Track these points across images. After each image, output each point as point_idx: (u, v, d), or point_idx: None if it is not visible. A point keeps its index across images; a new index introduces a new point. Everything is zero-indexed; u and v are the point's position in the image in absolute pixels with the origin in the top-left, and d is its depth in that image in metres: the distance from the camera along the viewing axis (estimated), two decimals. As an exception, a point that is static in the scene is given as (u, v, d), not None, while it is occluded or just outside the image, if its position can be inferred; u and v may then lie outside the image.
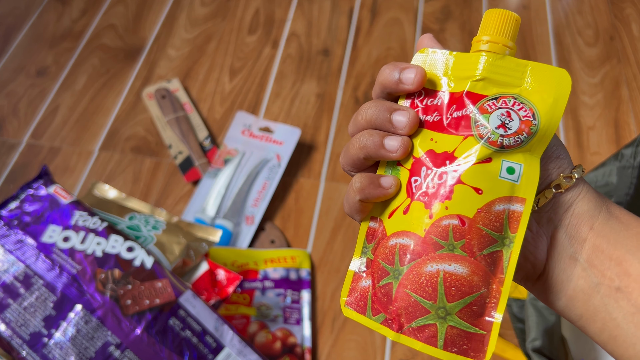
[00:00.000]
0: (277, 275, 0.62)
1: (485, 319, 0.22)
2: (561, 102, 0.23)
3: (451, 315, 0.23)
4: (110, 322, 0.43)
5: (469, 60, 0.24)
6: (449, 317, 0.23)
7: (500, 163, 0.23)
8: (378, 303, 0.25)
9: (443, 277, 0.23)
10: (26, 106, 0.81)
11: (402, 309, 0.23)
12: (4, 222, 0.46)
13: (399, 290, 0.23)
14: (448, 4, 0.91)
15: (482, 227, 0.23)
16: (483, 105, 0.24)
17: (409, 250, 0.23)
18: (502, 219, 0.23)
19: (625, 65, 0.82)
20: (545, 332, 0.44)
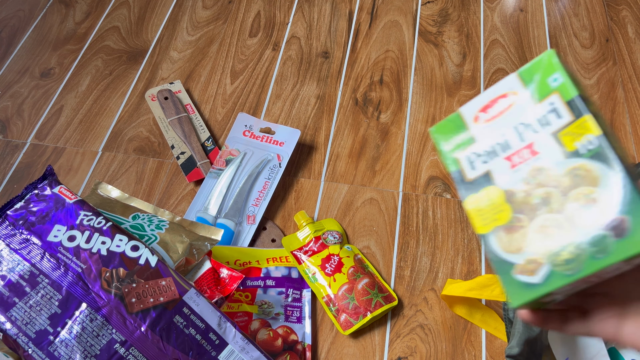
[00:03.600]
0: (278, 273, 0.63)
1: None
2: None
3: None
4: (115, 320, 0.44)
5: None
6: None
7: None
8: None
9: None
10: (30, 107, 0.82)
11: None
12: (10, 221, 0.47)
13: None
14: (446, 7, 0.92)
15: None
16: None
17: None
18: None
19: (621, 67, 0.83)
20: (526, 342, 0.45)
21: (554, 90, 0.31)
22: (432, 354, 0.59)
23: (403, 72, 0.84)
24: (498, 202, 0.31)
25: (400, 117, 0.79)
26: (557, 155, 0.30)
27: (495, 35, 0.88)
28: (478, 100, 0.33)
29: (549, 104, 0.31)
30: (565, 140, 0.30)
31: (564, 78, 0.31)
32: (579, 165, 0.29)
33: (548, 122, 0.31)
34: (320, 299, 0.61)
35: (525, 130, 0.31)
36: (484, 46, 0.86)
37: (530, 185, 0.31)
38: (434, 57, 0.85)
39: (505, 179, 0.31)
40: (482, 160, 0.32)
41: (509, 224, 0.31)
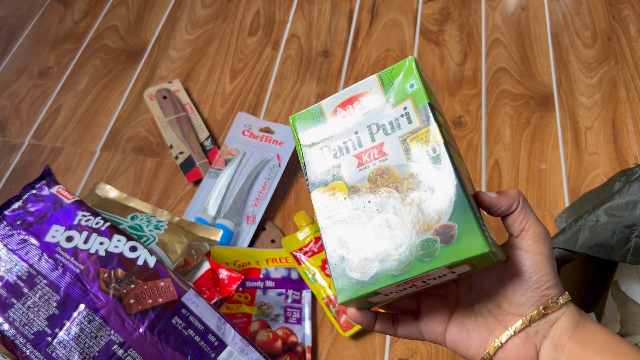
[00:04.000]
0: (278, 274, 0.63)
1: None
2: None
3: None
4: (113, 321, 0.43)
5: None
6: None
7: None
8: None
9: None
10: (28, 107, 0.81)
11: None
12: (7, 222, 0.47)
13: None
14: (447, 6, 0.92)
15: None
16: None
17: None
18: None
19: (623, 66, 0.82)
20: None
21: (409, 95, 0.32)
22: (432, 356, 0.59)
23: (403, 71, 0.83)
24: (342, 197, 0.32)
25: (400, 117, 0.78)
26: (401, 158, 0.31)
27: (496, 34, 0.87)
28: (339, 95, 0.34)
29: (403, 108, 0.32)
30: (411, 145, 0.31)
31: (418, 85, 0.32)
32: (419, 170, 0.30)
33: (399, 125, 0.32)
34: (320, 300, 0.61)
35: (377, 130, 0.32)
36: (485, 45, 0.86)
37: (374, 185, 0.32)
38: (435, 56, 0.85)
39: (351, 176, 0.32)
40: (334, 155, 0.33)
41: (349, 219, 0.32)
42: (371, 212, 0.31)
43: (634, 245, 0.42)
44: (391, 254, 0.30)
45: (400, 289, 0.31)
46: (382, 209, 0.31)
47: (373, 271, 0.30)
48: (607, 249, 0.43)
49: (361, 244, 0.31)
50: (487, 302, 0.34)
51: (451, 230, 0.29)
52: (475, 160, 0.74)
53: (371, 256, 0.31)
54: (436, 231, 0.29)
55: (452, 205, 0.29)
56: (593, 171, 0.72)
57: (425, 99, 0.31)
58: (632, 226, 0.42)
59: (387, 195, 0.31)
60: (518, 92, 0.80)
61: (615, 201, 0.43)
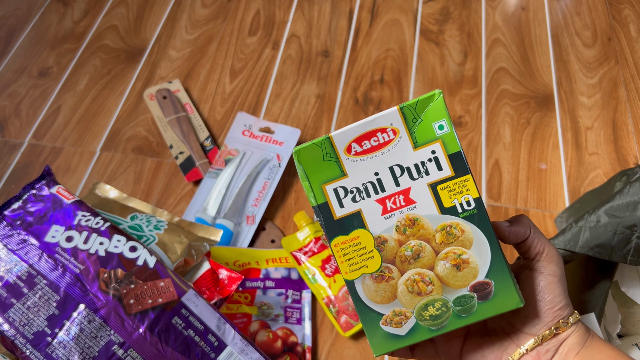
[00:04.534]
0: (278, 274, 0.63)
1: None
2: None
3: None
4: (113, 322, 0.43)
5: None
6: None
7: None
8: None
9: None
10: (28, 107, 0.81)
11: None
12: (7, 222, 0.47)
13: None
14: (447, 5, 0.92)
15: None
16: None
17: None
18: None
19: (623, 66, 0.82)
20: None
21: (437, 138, 0.29)
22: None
23: (404, 71, 0.83)
24: (368, 248, 0.30)
25: (400, 117, 0.78)
26: (432, 208, 0.29)
27: (496, 34, 0.87)
28: (353, 129, 0.30)
29: (431, 152, 0.29)
30: (443, 196, 0.29)
31: (449, 128, 0.29)
32: (454, 224, 0.29)
33: (427, 171, 0.29)
34: (320, 300, 0.61)
35: (401, 174, 0.29)
36: (486, 45, 0.86)
37: (403, 236, 0.29)
38: (435, 56, 0.85)
39: (376, 224, 0.30)
40: (352, 198, 0.30)
41: (378, 273, 0.30)
42: (402, 265, 0.30)
43: (635, 246, 0.42)
44: (427, 309, 0.30)
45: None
46: (413, 262, 0.30)
47: (409, 326, 0.30)
48: (607, 249, 0.43)
49: (394, 297, 0.30)
50: (501, 321, 0.35)
51: (488, 287, 0.29)
52: (475, 160, 0.74)
53: (406, 310, 0.30)
54: (473, 288, 0.29)
55: (488, 262, 0.29)
56: (593, 171, 0.72)
57: (457, 145, 0.29)
58: (632, 227, 0.42)
59: (418, 248, 0.29)
60: (518, 92, 0.80)
61: (616, 202, 0.43)
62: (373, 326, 0.31)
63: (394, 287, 0.30)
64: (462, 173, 0.29)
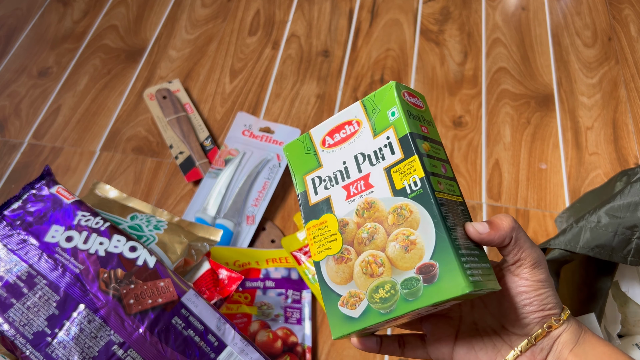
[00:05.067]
0: (278, 274, 0.63)
1: None
2: None
3: None
4: (113, 322, 0.43)
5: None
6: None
7: None
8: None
9: None
10: (28, 107, 0.81)
11: None
12: (7, 222, 0.47)
13: None
14: (447, 5, 0.91)
15: None
16: None
17: None
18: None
19: (624, 66, 0.82)
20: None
21: (390, 124, 0.31)
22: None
23: (404, 71, 0.83)
24: (333, 231, 0.32)
25: (400, 117, 0.78)
26: (386, 191, 0.31)
27: (497, 34, 0.87)
28: (326, 124, 0.34)
29: (386, 137, 0.31)
30: (395, 178, 0.30)
31: (399, 113, 0.31)
32: (404, 205, 0.30)
33: (383, 156, 0.31)
34: (320, 300, 0.61)
35: (363, 161, 0.32)
36: (486, 45, 0.86)
37: (361, 219, 0.31)
38: (435, 55, 0.85)
39: (341, 209, 0.32)
40: (324, 186, 0.33)
41: (339, 254, 0.32)
42: (359, 247, 0.31)
43: (635, 247, 0.42)
44: (378, 291, 0.30)
45: (390, 323, 0.31)
46: (369, 244, 0.31)
47: (362, 308, 0.30)
48: (608, 250, 0.43)
49: (350, 279, 0.31)
50: (491, 321, 0.34)
51: (433, 269, 0.29)
52: (476, 160, 0.74)
53: (359, 292, 0.31)
54: (419, 270, 0.29)
55: (433, 243, 0.29)
56: (593, 171, 0.72)
57: (406, 128, 0.30)
58: (633, 227, 0.42)
59: (373, 230, 0.31)
60: (518, 92, 0.80)
61: (616, 202, 0.43)
62: (333, 307, 0.32)
63: (351, 269, 0.31)
64: (409, 154, 0.30)
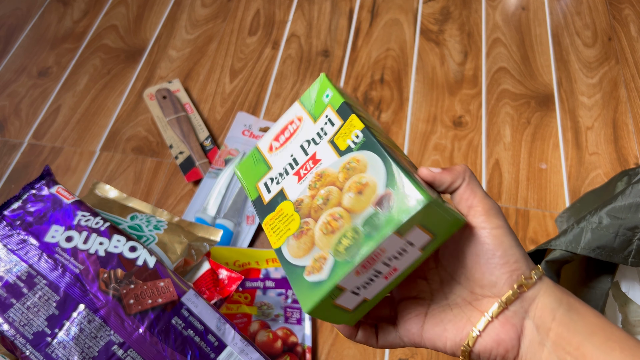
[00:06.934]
0: (278, 274, 0.63)
1: None
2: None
3: None
4: (113, 322, 0.43)
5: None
6: None
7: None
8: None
9: None
10: (28, 106, 0.81)
11: None
12: (7, 222, 0.47)
13: None
14: (447, 5, 0.91)
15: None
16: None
17: None
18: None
19: (624, 66, 0.82)
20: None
21: (327, 104, 0.34)
22: (433, 356, 0.59)
23: (404, 71, 0.83)
24: (289, 214, 0.33)
25: (401, 117, 0.78)
26: (333, 157, 0.32)
27: (497, 34, 0.87)
28: (270, 132, 0.36)
29: (325, 117, 0.34)
30: (339, 142, 0.32)
31: (332, 92, 0.34)
32: (350, 159, 0.32)
33: (325, 132, 0.33)
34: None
35: (309, 145, 0.34)
36: (486, 45, 0.86)
37: (314, 190, 0.32)
38: (435, 55, 0.85)
39: (294, 191, 0.33)
40: (276, 182, 0.34)
41: (298, 230, 0.32)
42: (316, 214, 0.31)
43: (636, 248, 0.42)
44: (341, 242, 0.29)
45: (364, 279, 0.29)
46: (325, 207, 0.31)
47: (329, 267, 0.29)
48: (609, 251, 0.42)
49: (313, 246, 0.30)
50: (460, 291, 0.32)
51: (389, 197, 0.28)
52: (476, 160, 0.73)
53: (323, 253, 0.30)
54: (376, 204, 0.28)
55: (383, 174, 0.29)
56: (594, 171, 0.72)
57: (340, 99, 0.33)
58: (634, 228, 0.42)
59: (327, 194, 0.31)
60: (518, 92, 0.80)
61: (618, 203, 0.43)
62: (299, 282, 0.30)
63: (312, 237, 0.31)
64: (347, 116, 0.33)
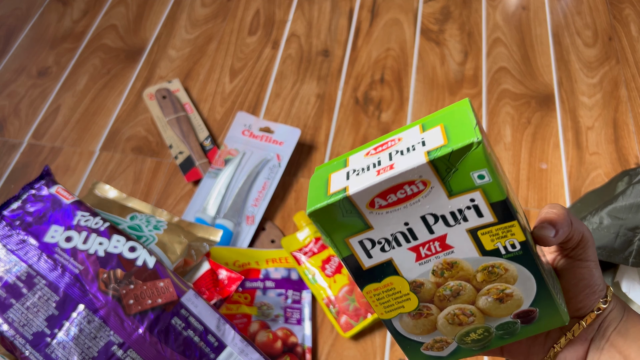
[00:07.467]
0: (278, 275, 0.63)
1: None
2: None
3: None
4: (112, 322, 0.43)
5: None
6: None
7: None
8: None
9: None
10: (27, 106, 0.81)
11: None
12: (6, 222, 0.47)
13: None
14: (447, 5, 0.91)
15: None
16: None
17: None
18: None
19: (624, 66, 0.82)
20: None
21: (477, 187, 0.27)
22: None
23: (404, 70, 0.83)
24: (403, 292, 0.30)
25: (401, 116, 0.78)
26: (472, 251, 0.28)
27: (497, 34, 0.87)
28: (374, 186, 0.27)
29: (469, 199, 0.27)
30: (484, 240, 0.28)
31: (490, 177, 0.26)
32: (496, 264, 0.29)
33: (466, 218, 0.28)
34: (320, 300, 0.61)
35: (435, 222, 0.28)
36: (486, 44, 0.86)
37: (441, 279, 0.29)
38: (436, 55, 0.85)
39: (411, 270, 0.29)
40: (381, 248, 0.29)
41: (416, 311, 0.31)
42: (441, 303, 0.30)
43: (637, 248, 0.42)
44: (469, 335, 0.31)
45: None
46: (454, 300, 0.30)
47: (451, 349, 0.31)
48: (609, 251, 0.42)
49: (434, 329, 0.31)
50: None
51: (533, 314, 0.30)
52: (476, 160, 0.73)
53: (446, 338, 0.31)
54: (517, 315, 0.30)
55: (533, 294, 0.29)
56: (594, 171, 0.72)
57: (500, 194, 0.26)
58: (635, 229, 0.42)
59: (458, 288, 0.29)
60: (519, 92, 0.80)
61: (618, 203, 0.43)
62: (414, 351, 0.32)
63: (433, 322, 0.31)
64: (507, 220, 0.27)
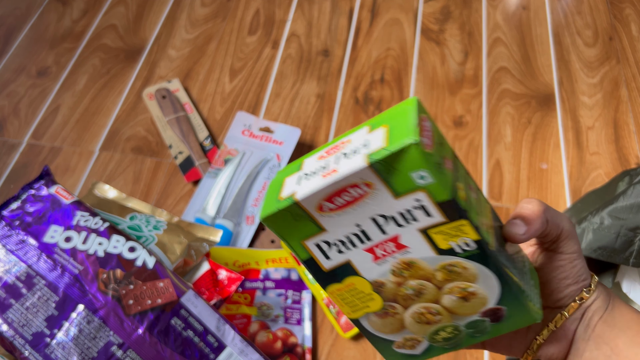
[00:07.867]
0: (278, 275, 0.63)
1: None
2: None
3: None
4: (112, 322, 0.43)
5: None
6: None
7: None
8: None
9: None
10: (27, 106, 0.81)
11: None
12: (6, 222, 0.47)
13: None
14: (447, 5, 0.91)
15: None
16: None
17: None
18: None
19: (625, 66, 0.82)
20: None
21: (419, 187, 0.26)
22: (433, 356, 0.59)
23: (404, 70, 0.83)
24: (366, 291, 0.30)
25: (401, 116, 0.78)
26: (427, 251, 0.28)
27: (497, 34, 0.87)
28: (319, 192, 0.28)
29: (415, 200, 0.27)
30: (437, 240, 0.28)
31: (432, 178, 0.26)
32: (455, 262, 0.28)
33: (415, 218, 0.27)
34: (320, 300, 0.61)
35: (386, 223, 0.28)
36: (486, 44, 0.86)
37: (400, 278, 0.29)
38: (436, 55, 0.85)
39: (370, 271, 0.30)
40: (337, 250, 0.29)
41: (382, 311, 0.31)
42: (405, 302, 0.30)
43: (638, 249, 0.42)
44: (438, 334, 0.31)
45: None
46: (417, 298, 0.30)
47: (423, 347, 0.32)
48: (610, 252, 0.42)
49: (402, 328, 0.31)
50: None
51: (500, 312, 0.30)
52: (476, 160, 0.73)
53: (416, 337, 0.31)
54: (484, 314, 0.30)
55: (497, 293, 0.29)
56: (594, 171, 0.72)
57: (445, 194, 0.26)
58: (636, 229, 0.42)
59: (420, 287, 0.30)
60: (519, 92, 0.80)
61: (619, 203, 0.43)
62: (387, 349, 0.32)
63: (401, 320, 0.31)
64: (455, 218, 0.27)
